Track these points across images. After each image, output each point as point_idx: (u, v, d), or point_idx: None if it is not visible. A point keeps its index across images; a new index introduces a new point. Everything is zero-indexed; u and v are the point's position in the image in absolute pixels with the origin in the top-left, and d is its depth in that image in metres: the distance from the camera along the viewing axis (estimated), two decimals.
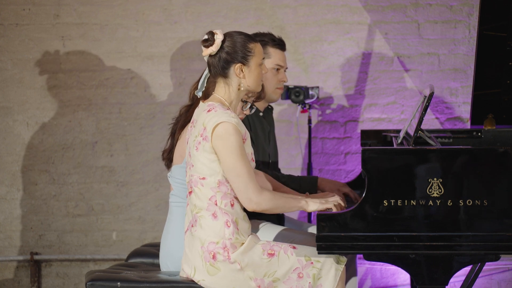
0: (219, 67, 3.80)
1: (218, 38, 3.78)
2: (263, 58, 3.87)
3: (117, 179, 5.78)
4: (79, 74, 5.75)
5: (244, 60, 3.80)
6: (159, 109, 5.75)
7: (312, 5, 5.69)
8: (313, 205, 3.83)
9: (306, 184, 4.39)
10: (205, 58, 3.84)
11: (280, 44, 4.47)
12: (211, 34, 3.79)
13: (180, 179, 4.14)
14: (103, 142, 5.77)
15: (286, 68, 4.50)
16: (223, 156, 3.70)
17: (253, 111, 4.22)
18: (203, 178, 3.74)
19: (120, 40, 5.73)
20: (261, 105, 4.49)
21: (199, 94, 3.97)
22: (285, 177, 4.39)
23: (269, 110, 4.59)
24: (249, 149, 3.80)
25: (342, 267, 3.78)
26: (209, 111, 3.75)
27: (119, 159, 5.77)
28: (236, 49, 3.79)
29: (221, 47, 3.78)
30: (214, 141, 3.70)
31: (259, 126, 4.42)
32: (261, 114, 4.48)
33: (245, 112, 4.19)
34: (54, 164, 5.77)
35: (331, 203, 3.84)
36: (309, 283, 3.75)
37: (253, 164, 3.83)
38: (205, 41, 3.79)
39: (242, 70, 3.80)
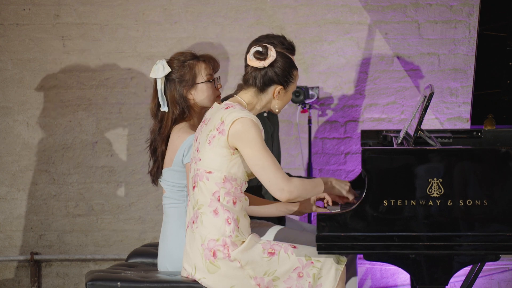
0: (261, 82, 3.82)
1: (272, 55, 3.80)
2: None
3: (117, 179, 5.78)
4: (79, 74, 5.75)
5: (286, 84, 3.85)
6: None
7: (312, 5, 5.70)
8: (336, 188, 3.93)
9: None
10: (250, 69, 3.84)
11: (288, 49, 4.44)
12: (266, 48, 3.81)
13: (171, 182, 4.13)
14: (103, 142, 5.77)
15: None
16: (246, 150, 3.71)
17: None
18: (210, 172, 3.75)
19: (120, 40, 5.73)
20: None
21: (166, 109, 4.10)
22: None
23: None
24: None
25: (342, 267, 3.78)
26: (227, 108, 3.78)
27: (119, 159, 5.77)
28: (284, 72, 3.83)
29: (271, 65, 3.80)
30: (233, 137, 3.71)
31: (262, 127, 4.42)
32: (265, 114, 4.48)
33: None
34: (54, 164, 5.77)
35: (350, 195, 3.98)
36: (309, 283, 3.75)
37: None
38: (259, 53, 3.80)
39: (279, 93, 3.84)
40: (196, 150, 3.83)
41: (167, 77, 4.16)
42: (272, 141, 4.53)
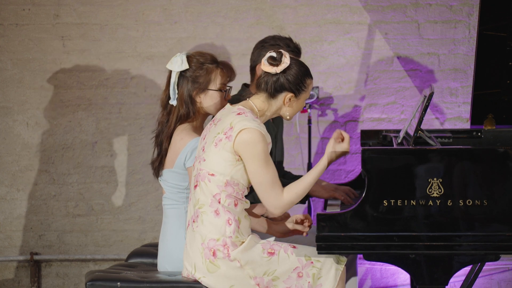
0: (272, 88, 3.80)
1: (286, 62, 3.78)
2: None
3: (117, 179, 5.78)
4: (79, 74, 5.75)
5: (297, 92, 3.82)
6: (159, 109, 5.74)
7: (312, 5, 5.69)
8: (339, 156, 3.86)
9: None
10: (263, 73, 3.81)
11: (294, 51, 4.42)
12: (280, 54, 3.79)
13: (171, 183, 4.12)
14: (103, 142, 5.77)
15: None
16: (248, 162, 3.72)
17: None
18: (212, 175, 3.75)
19: (120, 40, 5.73)
20: None
21: (174, 103, 4.08)
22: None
23: None
24: None
25: (342, 267, 3.78)
26: (239, 114, 3.76)
27: (119, 159, 5.77)
28: (296, 80, 3.80)
29: (283, 71, 3.79)
30: (238, 145, 3.71)
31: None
32: None
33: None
34: (54, 164, 5.77)
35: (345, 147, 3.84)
36: (309, 283, 3.75)
37: None
38: (272, 59, 3.78)
39: (290, 100, 3.82)
40: (202, 150, 3.83)
41: (182, 73, 4.14)
42: (275, 142, 4.53)
